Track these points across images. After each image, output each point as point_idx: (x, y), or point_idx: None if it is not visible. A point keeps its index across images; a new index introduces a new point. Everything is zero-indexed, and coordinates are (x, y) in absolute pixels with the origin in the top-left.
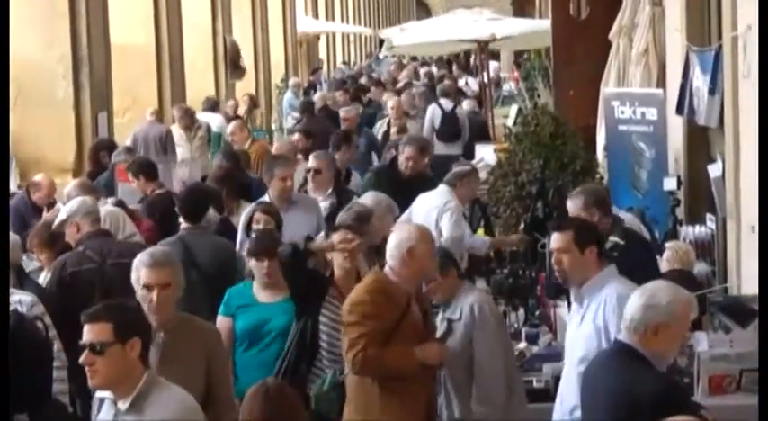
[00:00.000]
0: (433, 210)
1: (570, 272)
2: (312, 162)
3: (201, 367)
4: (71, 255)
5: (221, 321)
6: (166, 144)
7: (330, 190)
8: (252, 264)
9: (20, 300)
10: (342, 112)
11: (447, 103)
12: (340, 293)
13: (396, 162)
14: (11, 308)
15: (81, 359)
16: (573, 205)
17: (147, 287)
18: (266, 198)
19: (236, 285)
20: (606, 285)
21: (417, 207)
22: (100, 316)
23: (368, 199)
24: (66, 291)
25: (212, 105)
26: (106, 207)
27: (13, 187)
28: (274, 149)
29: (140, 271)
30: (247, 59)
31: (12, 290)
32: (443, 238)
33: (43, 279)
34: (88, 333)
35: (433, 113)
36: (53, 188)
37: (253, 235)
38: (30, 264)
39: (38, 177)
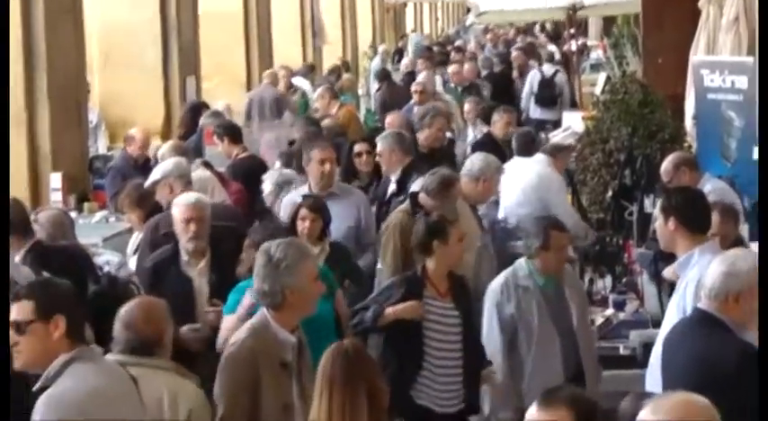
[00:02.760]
0: (534, 176)
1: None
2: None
3: None
4: (164, 216)
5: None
6: (281, 107)
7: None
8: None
9: (108, 260)
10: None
11: (548, 69)
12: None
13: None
14: (99, 267)
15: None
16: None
17: None
18: (305, 189)
19: None
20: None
21: (508, 172)
22: (21, 294)
23: (478, 159)
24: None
25: (307, 71)
26: (197, 172)
27: (102, 149)
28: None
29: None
30: (335, 26)
31: (99, 250)
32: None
33: (134, 239)
34: (12, 312)
35: (532, 78)
36: (147, 141)
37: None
38: (118, 225)
39: (132, 131)
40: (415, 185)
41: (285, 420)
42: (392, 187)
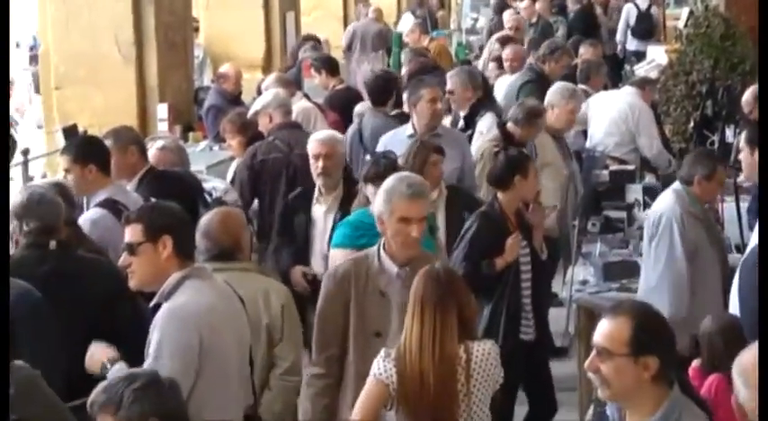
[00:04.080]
0: (621, 110)
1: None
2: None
3: None
4: (262, 144)
5: (348, 254)
6: (382, 41)
7: None
8: (369, 190)
9: (214, 186)
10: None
11: (643, 2)
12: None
13: None
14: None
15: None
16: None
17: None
18: (409, 129)
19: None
20: None
21: (596, 104)
22: (132, 218)
23: (556, 89)
24: (256, 176)
25: (416, 6)
26: (299, 103)
27: (207, 82)
28: None
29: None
30: None
31: (205, 177)
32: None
33: (232, 167)
34: (126, 236)
35: (628, 12)
36: (240, 77)
37: None
38: (221, 154)
39: (224, 68)
40: (483, 122)
41: (374, 346)
42: (461, 124)
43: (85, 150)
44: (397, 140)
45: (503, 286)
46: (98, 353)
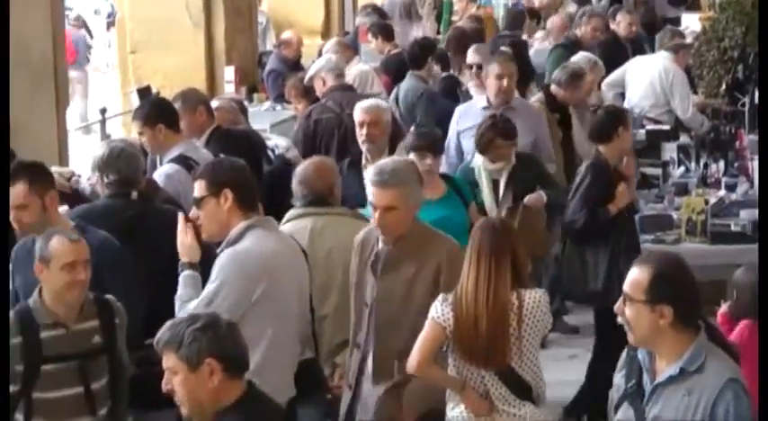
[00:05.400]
0: (656, 74)
1: None
2: None
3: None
4: (316, 106)
5: None
6: (411, 10)
7: None
8: (411, 158)
9: (276, 144)
10: None
11: None
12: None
13: None
14: (271, 149)
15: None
16: None
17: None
18: (483, 101)
19: None
20: None
21: (633, 68)
22: (197, 174)
23: (578, 60)
24: (311, 135)
25: None
26: (358, 66)
27: (269, 47)
28: None
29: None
30: None
31: (268, 135)
32: (681, 114)
33: (297, 125)
34: (194, 191)
35: None
36: (300, 44)
37: None
38: (283, 113)
39: (287, 35)
40: None
41: (365, 318)
42: None
43: (152, 113)
44: (471, 112)
45: (618, 230)
46: (188, 242)
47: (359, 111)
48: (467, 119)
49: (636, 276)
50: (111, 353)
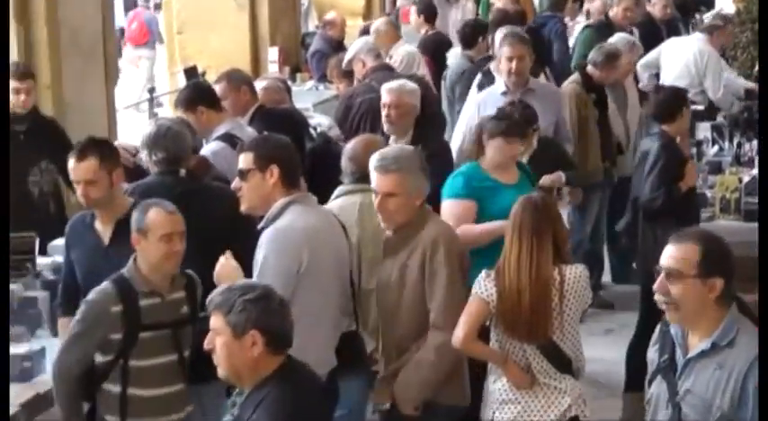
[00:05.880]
0: (691, 55)
1: None
2: None
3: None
4: (358, 86)
5: (464, 205)
6: None
7: None
8: (496, 143)
9: (319, 122)
10: None
11: None
12: None
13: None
14: (313, 128)
15: (232, 185)
16: None
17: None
18: (501, 86)
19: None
20: None
21: (668, 49)
22: (245, 147)
23: (617, 41)
24: (353, 115)
25: None
26: (404, 47)
27: (311, 28)
28: None
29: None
30: None
31: (311, 114)
32: (711, 94)
33: (338, 104)
34: (239, 163)
35: None
36: (344, 24)
37: None
38: (326, 93)
39: (330, 16)
40: None
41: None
42: None
43: (190, 96)
44: (490, 99)
45: (686, 207)
46: (226, 270)
47: (383, 92)
48: (487, 107)
49: (684, 252)
50: (194, 324)
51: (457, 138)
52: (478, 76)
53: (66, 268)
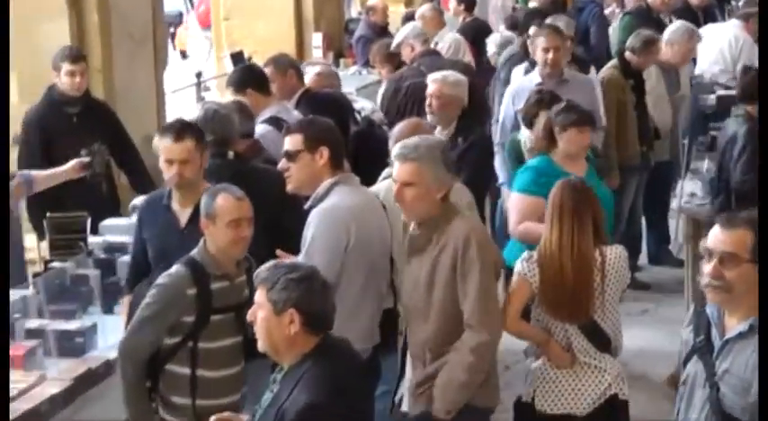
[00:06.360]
0: (726, 41)
1: None
2: None
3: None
4: (408, 69)
5: (530, 201)
6: None
7: None
8: (569, 135)
9: (362, 106)
10: None
11: None
12: None
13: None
14: (357, 111)
15: (279, 166)
16: None
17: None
18: (536, 76)
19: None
20: None
21: (705, 35)
22: (293, 128)
23: (678, 28)
24: (401, 98)
25: None
26: (450, 34)
27: (354, 14)
28: None
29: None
30: None
31: (355, 98)
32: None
33: (382, 89)
34: (285, 144)
35: None
36: (387, 10)
37: None
38: (369, 77)
39: (373, 1)
40: None
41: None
42: None
43: (240, 78)
44: (526, 90)
45: None
46: None
47: (429, 81)
48: (521, 98)
49: (738, 236)
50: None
51: (496, 130)
52: (524, 64)
53: (138, 246)
